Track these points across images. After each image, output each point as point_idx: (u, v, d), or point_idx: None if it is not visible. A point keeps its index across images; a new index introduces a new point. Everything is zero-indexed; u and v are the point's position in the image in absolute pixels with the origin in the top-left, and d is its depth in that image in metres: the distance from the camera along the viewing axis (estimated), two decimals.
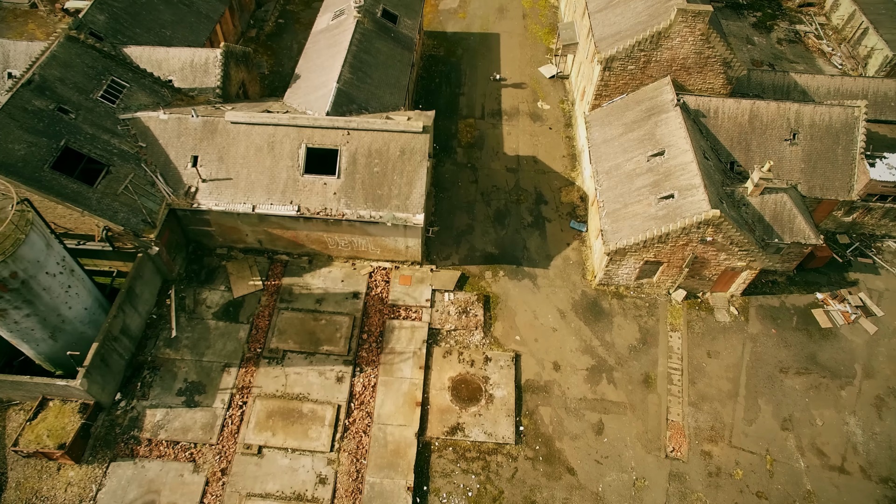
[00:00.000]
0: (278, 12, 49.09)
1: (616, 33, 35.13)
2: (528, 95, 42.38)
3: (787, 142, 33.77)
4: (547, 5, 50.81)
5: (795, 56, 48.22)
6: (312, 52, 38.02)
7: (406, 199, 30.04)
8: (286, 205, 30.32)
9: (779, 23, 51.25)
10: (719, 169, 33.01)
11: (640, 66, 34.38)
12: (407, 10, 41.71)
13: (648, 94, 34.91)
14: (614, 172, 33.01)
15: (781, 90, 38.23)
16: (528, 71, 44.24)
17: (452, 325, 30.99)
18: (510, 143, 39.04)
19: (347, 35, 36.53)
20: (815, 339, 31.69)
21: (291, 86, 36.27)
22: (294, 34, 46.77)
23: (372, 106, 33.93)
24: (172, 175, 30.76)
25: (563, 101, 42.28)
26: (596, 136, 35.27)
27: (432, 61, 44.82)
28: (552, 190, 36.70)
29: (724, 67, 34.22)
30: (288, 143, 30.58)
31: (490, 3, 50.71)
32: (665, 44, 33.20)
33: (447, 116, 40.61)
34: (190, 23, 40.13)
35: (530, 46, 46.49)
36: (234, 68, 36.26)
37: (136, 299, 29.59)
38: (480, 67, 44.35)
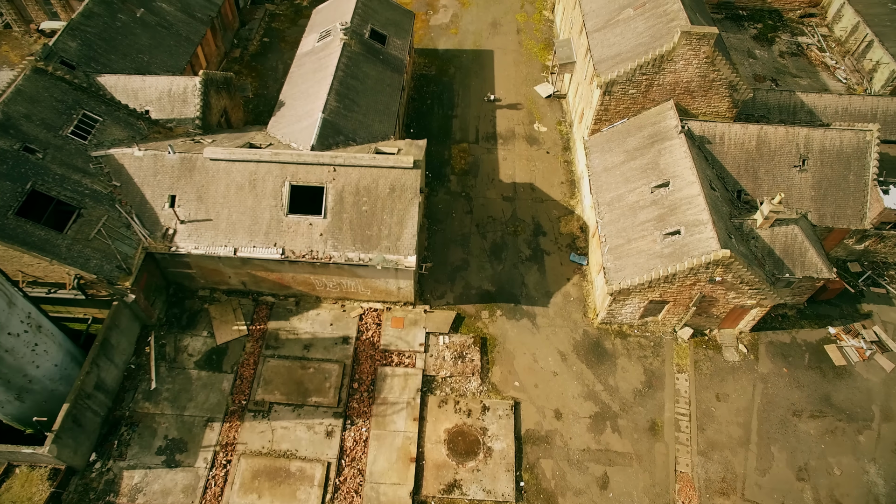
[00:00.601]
0: (263, 30, 47.22)
1: (616, 55, 33.46)
2: (523, 117, 40.69)
3: (796, 168, 32.23)
4: (542, 19, 49.09)
5: (798, 70, 46.66)
6: (297, 77, 36.22)
7: (397, 240, 28.33)
8: (270, 247, 28.57)
9: (780, 35, 49.69)
10: (726, 199, 31.43)
11: (641, 90, 32.73)
12: (396, 29, 39.95)
13: (651, 118, 33.27)
14: (616, 204, 31.38)
15: (787, 110, 36.66)
16: (524, 90, 42.55)
17: (448, 371, 29.32)
18: (506, 170, 37.35)
19: (333, 59, 34.77)
20: (829, 379, 30.18)
21: (275, 114, 34.48)
22: (279, 53, 44.92)
23: (360, 136, 32.18)
24: (149, 216, 28.97)
25: (560, 122, 40.61)
26: (596, 164, 33.62)
27: (424, 81, 43.07)
28: (551, 220, 35.05)
29: (729, 90, 32.61)
30: (271, 181, 28.81)
31: (483, 17, 48.96)
32: (668, 67, 31.56)
33: (440, 141, 38.90)
34: (169, 47, 38.24)
35: (525, 64, 44.77)
36: (214, 96, 34.44)
37: (111, 351, 27.81)
38: (474, 87, 42.62)
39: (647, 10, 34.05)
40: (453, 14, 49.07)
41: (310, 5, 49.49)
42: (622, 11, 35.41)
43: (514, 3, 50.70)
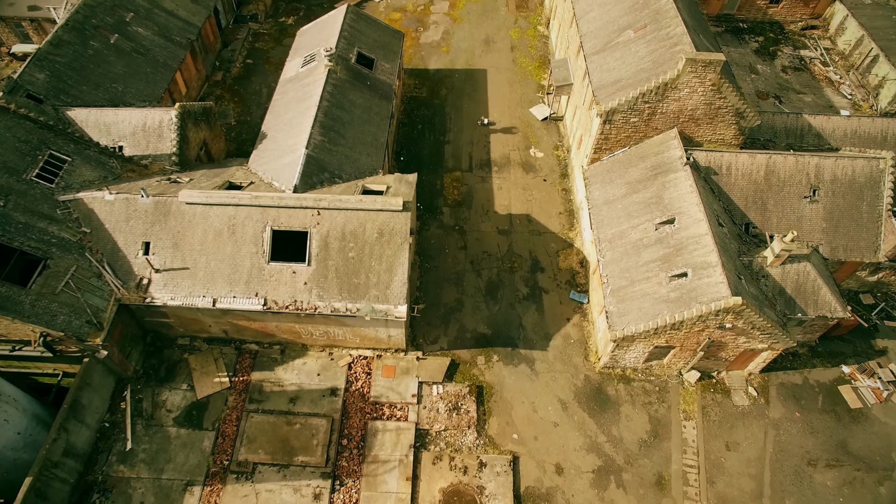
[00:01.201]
0: (246, 51, 45.32)
1: (616, 81, 31.75)
2: (519, 142, 38.96)
3: (806, 199, 30.63)
4: (537, 35, 47.32)
5: (802, 86, 45.06)
6: (280, 106, 34.38)
7: (386, 289, 26.57)
8: (251, 298, 26.78)
9: (782, 48, 48.07)
10: (734, 234, 29.79)
11: (643, 118, 31.05)
12: (385, 51, 38.13)
13: (653, 148, 31.59)
14: (618, 241, 29.69)
15: (795, 133, 35.07)
16: (519, 112, 40.80)
17: (442, 424, 27.62)
18: (501, 200, 35.62)
19: (318, 88, 32.97)
20: (845, 423, 28.61)
21: (257, 147, 32.66)
22: (263, 76, 43.05)
23: (346, 172, 30.40)
24: (121, 265, 27.13)
25: (557, 147, 38.88)
26: (596, 196, 31.92)
27: (414, 104, 41.27)
28: (549, 254, 33.35)
29: (736, 118, 30.96)
30: (251, 226, 27.01)
31: (475, 34, 47.16)
32: (672, 95, 29.88)
33: (431, 169, 37.13)
34: (145, 74, 36.33)
35: (520, 83, 43.02)
36: (192, 129, 32.60)
37: (82, 412, 26.00)
38: (466, 110, 40.85)
39: (648, 33, 32.35)
40: (444, 31, 47.27)
41: (295, 24, 47.64)
42: (622, 33, 33.70)
43: (507, 18, 48.93)
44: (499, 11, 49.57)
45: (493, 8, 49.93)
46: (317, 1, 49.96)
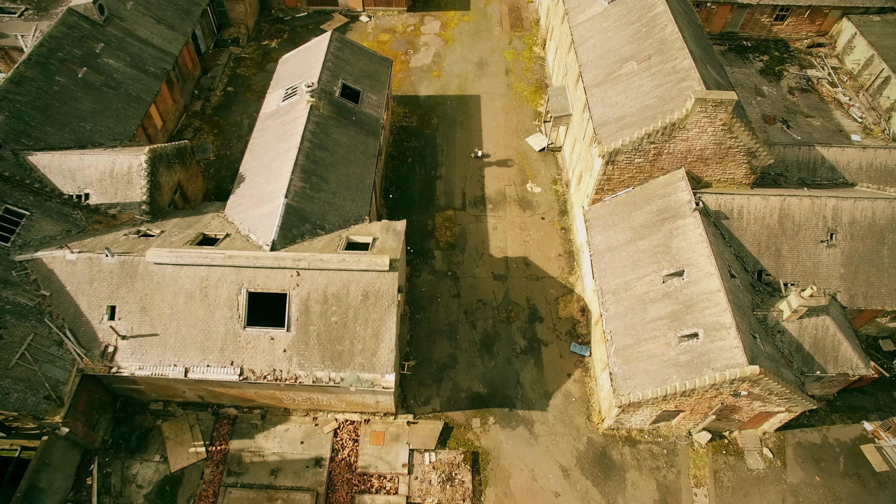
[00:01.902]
0: (227, 78, 43.04)
1: (619, 118, 29.65)
2: (515, 175, 36.82)
3: (823, 243, 28.63)
4: (532, 57, 45.17)
5: (810, 108, 43.04)
6: (259, 145, 32.17)
7: (372, 356, 24.44)
8: (226, 367, 24.62)
9: (788, 68, 46.04)
10: (746, 283, 27.75)
11: (649, 158, 28.98)
12: (371, 81, 35.93)
13: (659, 189, 29.52)
14: (623, 294, 27.60)
15: (807, 167, 33.11)
16: (515, 143, 38.66)
17: (435, 498, 25.52)
18: (497, 241, 33.50)
19: (299, 126, 30.79)
20: (870, 489, 26.63)
21: (235, 191, 30.48)
22: (245, 105, 40.80)
23: (329, 221, 28.23)
24: (85, 331, 24.95)
25: (555, 180, 36.76)
26: (598, 242, 29.83)
27: (404, 135, 39.09)
28: (548, 302, 31.25)
29: (747, 157, 28.92)
30: (225, 288, 24.83)
31: (468, 56, 44.97)
32: (680, 135, 27.82)
33: (422, 208, 34.98)
34: (116, 110, 34.05)
35: (515, 110, 40.88)
36: (164, 173, 30.38)
37: (41, 495, 23.83)
38: (459, 140, 38.69)
39: (653, 65, 30.25)
40: (435, 53, 45.07)
41: (279, 47, 45.39)
42: (624, 64, 31.59)
43: (501, 39, 46.76)
44: (492, 31, 47.41)
45: (486, 28, 47.76)
46: (301, 22, 47.73)
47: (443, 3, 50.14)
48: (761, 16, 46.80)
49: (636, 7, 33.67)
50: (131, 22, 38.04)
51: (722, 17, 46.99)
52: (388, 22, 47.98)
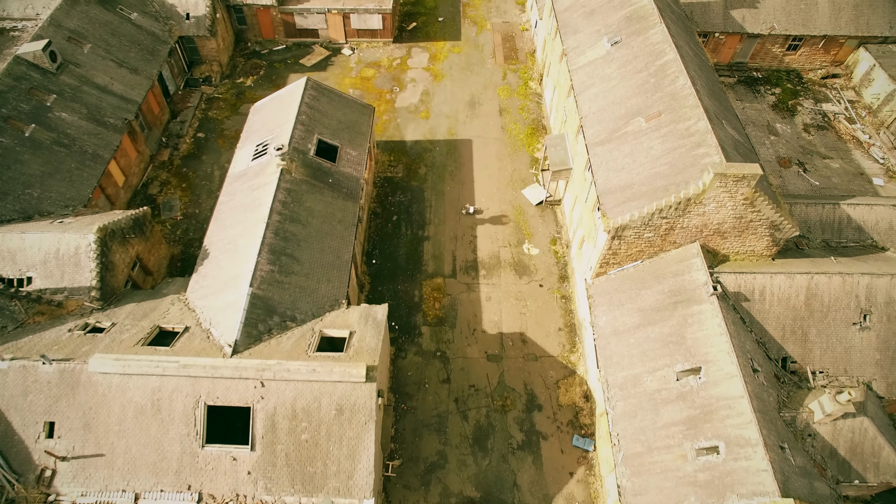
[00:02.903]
0: (198, 122, 39.74)
1: (627, 186, 26.53)
2: (510, 234, 33.66)
3: (856, 326, 25.61)
4: (528, 93, 41.95)
5: (827, 148, 39.96)
6: (226, 214, 28.97)
7: (349, 479, 21.33)
8: (182, 492, 21.48)
9: (802, 101, 42.93)
10: (769, 375, 24.68)
11: (660, 233, 25.88)
12: (351, 133, 32.72)
13: (671, 265, 26.40)
14: (631, 389, 24.52)
15: (831, 227, 30.09)
16: (509, 195, 35.48)
17: None
18: (490, 314, 30.37)
19: (268, 195, 27.65)
20: None
21: (198, 269, 27.28)
22: (216, 154, 37.54)
23: (301, 310, 25.08)
24: (17, 452, 21.79)
25: (554, 240, 33.61)
26: (603, 324, 26.71)
27: (389, 187, 35.87)
28: (547, 386, 28.18)
29: (770, 230, 25.82)
30: (180, 401, 21.67)
31: (458, 94, 41.74)
32: (695, 210, 24.71)
33: (409, 275, 31.81)
34: (70, 171, 30.79)
35: (510, 156, 37.69)
36: (119, 251, 27.17)
37: None
38: (449, 194, 35.50)
39: (663, 124, 27.12)
40: (423, 91, 41.81)
41: (254, 85, 42.10)
42: (631, 120, 28.44)
43: (494, 73, 43.53)
44: (485, 65, 44.16)
45: (478, 60, 44.51)
46: (279, 56, 44.41)
47: (431, 33, 46.88)
48: (773, 46, 43.67)
49: (643, 52, 30.51)
50: (88, 68, 34.72)
51: (730, 48, 43.84)
52: (372, 55, 44.69)
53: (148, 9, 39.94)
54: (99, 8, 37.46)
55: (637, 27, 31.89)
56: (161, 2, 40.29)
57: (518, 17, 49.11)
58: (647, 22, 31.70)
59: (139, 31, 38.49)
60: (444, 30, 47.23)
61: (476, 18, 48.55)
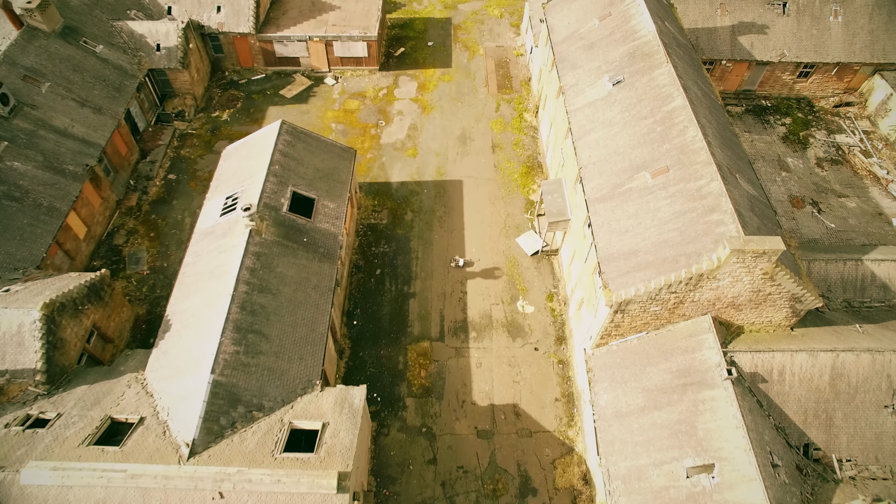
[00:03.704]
0: (169, 162, 37.08)
1: (631, 252, 23.95)
2: (503, 290, 31.07)
3: (887, 409, 23.08)
4: (523, 127, 39.34)
5: (843, 185, 37.39)
6: (191, 278, 26.37)
7: None
8: None
9: (814, 132, 40.36)
10: (791, 466, 22.11)
11: (668, 307, 23.31)
12: (329, 182, 30.12)
13: (680, 340, 23.83)
14: (635, 484, 21.95)
15: (853, 286, 27.64)
16: (503, 245, 32.89)
17: None
18: (481, 384, 27.81)
19: (235, 261, 25.10)
20: None
21: (158, 344, 24.71)
22: (188, 199, 34.90)
23: (269, 396, 22.50)
24: None
25: (551, 295, 31.04)
26: (604, 403, 24.14)
27: (372, 236, 33.25)
28: (542, 467, 25.62)
29: (791, 302, 23.24)
30: None
31: (449, 128, 39.11)
32: (708, 284, 22.13)
33: (393, 339, 29.23)
34: (20, 228, 28.15)
35: (504, 199, 35.08)
36: (70, 324, 24.55)
37: None
38: (437, 243, 32.90)
39: (671, 181, 24.53)
40: (411, 125, 39.17)
41: (230, 119, 39.45)
42: (635, 175, 25.86)
43: (487, 104, 40.89)
44: (477, 94, 41.52)
45: (469, 89, 41.87)
46: (258, 87, 41.75)
47: (420, 60, 44.23)
48: (783, 73, 41.07)
49: (648, 95, 27.91)
50: (46, 110, 32.05)
51: (738, 75, 41.24)
52: (357, 84, 42.01)
53: (115, 40, 37.27)
54: (60, 42, 34.77)
55: (641, 65, 29.29)
56: (129, 32, 37.62)
57: (512, 40, 46.48)
58: (652, 60, 29.10)
59: (105, 65, 35.81)
60: (434, 56, 44.58)
61: (468, 43, 45.91)
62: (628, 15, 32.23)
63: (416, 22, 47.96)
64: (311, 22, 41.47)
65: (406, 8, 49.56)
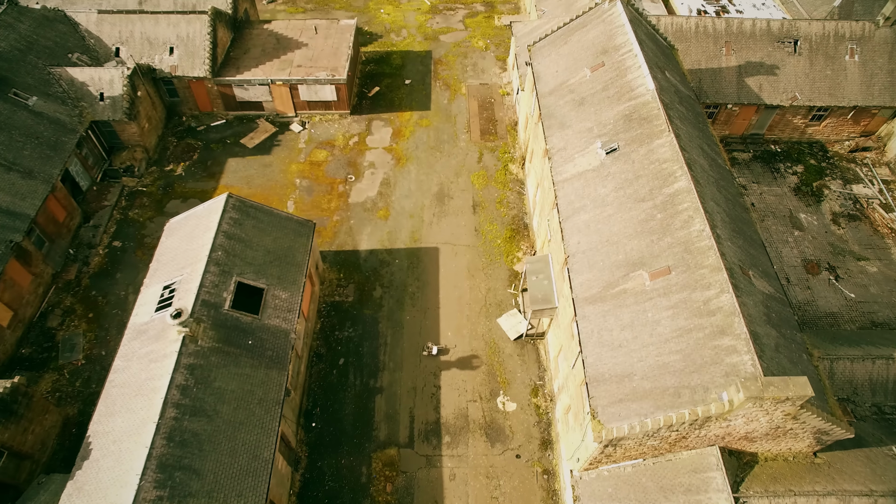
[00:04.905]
0: (115, 227, 33.39)
1: (624, 375, 20.38)
2: (482, 383, 27.45)
3: None
4: (508, 180, 35.65)
5: (862, 245, 33.75)
6: (116, 391, 22.73)
7: None
8: None
9: (829, 183, 36.70)
10: None
11: (669, 441, 19.68)
12: (282, 266, 26.46)
13: (681, 475, 20.22)
14: None
15: (882, 388, 24.39)
16: (482, 327, 29.25)
17: None
18: (454, 500, 24.21)
19: (165, 373, 21.71)
20: None
21: (75, 475, 21.15)
22: (133, 271, 31.24)
23: None
24: None
25: (535, 389, 27.44)
26: None
27: (336, 317, 29.61)
28: None
29: (816, 434, 19.63)
30: None
31: (425, 183, 35.41)
32: (717, 423, 18.50)
33: (356, 445, 25.65)
34: None
35: (485, 270, 31.42)
36: None
37: None
38: (409, 326, 29.26)
39: (672, 287, 20.91)
40: (384, 179, 35.47)
41: (185, 174, 35.75)
42: (631, 273, 22.21)
43: (468, 153, 37.20)
44: (457, 142, 37.80)
45: (449, 136, 38.15)
46: (217, 134, 38.02)
47: (396, 101, 40.47)
48: (794, 117, 37.37)
49: (646, 171, 24.22)
50: None
51: (745, 119, 37.54)
52: (325, 131, 38.26)
53: (52, 90, 33.49)
54: None
55: (639, 132, 25.59)
56: (69, 80, 33.85)
57: (498, 77, 42.71)
58: (651, 126, 25.40)
59: (38, 120, 32.05)
60: (412, 96, 40.81)
61: (449, 80, 42.14)
62: (623, 67, 28.50)
63: (394, 56, 44.16)
64: (275, 62, 37.69)
65: (383, 40, 45.77)
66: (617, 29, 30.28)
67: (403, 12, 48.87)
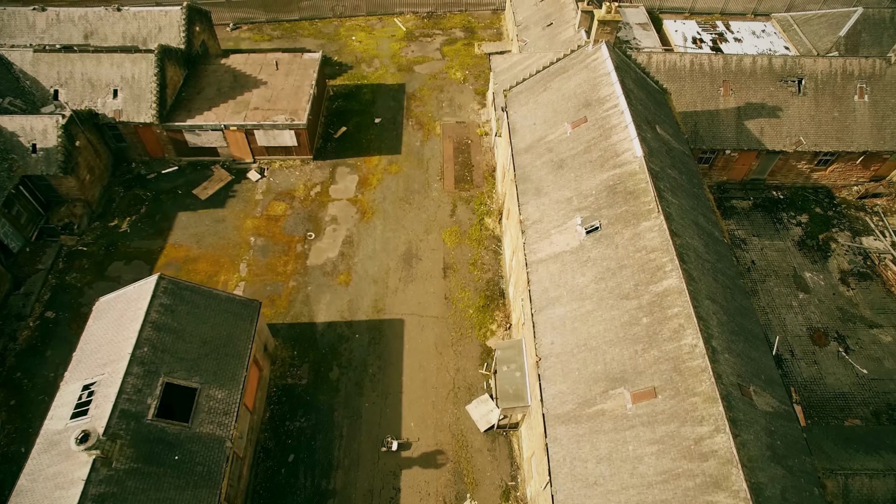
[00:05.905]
0: (49, 294, 30.21)
1: None
2: (446, 485, 24.40)
3: None
4: (483, 237, 32.49)
5: (874, 310, 30.64)
6: None
7: None
8: None
9: (836, 235, 33.54)
10: None
11: None
12: (219, 358, 23.37)
13: None
14: None
15: None
16: (449, 416, 26.19)
17: None
18: None
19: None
20: None
21: None
22: (67, 347, 28.18)
23: None
24: None
25: (507, 492, 24.40)
26: None
27: (287, 404, 26.53)
28: None
29: None
30: None
31: (392, 243, 32.24)
32: None
33: None
34: None
35: (454, 346, 28.33)
36: None
37: None
38: (368, 415, 26.18)
39: (658, 416, 17.79)
40: (346, 237, 32.31)
41: (131, 230, 32.58)
42: (612, 389, 19.13)
43: (441, 205, 34.03)
44: (429, 192, 34.62)
45: (421, 185, 34.95)
46: (168, 183, 34.86)
47: (364, 143, 37.26)
48: (798, 162, 34.18)
49: (631, 260, 21.06)
50: None
51: (745, 164, 34.36)
52: (286, 180, 35.05)
53: None
54: None
55: (624, 209, 22.41)
56: None
57: (476, 113, 39.45)
58: (637, 203, 22.22)
59: None
60: (381, 137, 37.56)
61: (423, 118, 38.87)
62: (608, 125, 25.28)
63: (364, 91, 40.86)
64: (230, 104, 34.42)
65: (353, 71, 42.43)
66: (602, 78, 27.05)
67: (377, 39, 45.47)
